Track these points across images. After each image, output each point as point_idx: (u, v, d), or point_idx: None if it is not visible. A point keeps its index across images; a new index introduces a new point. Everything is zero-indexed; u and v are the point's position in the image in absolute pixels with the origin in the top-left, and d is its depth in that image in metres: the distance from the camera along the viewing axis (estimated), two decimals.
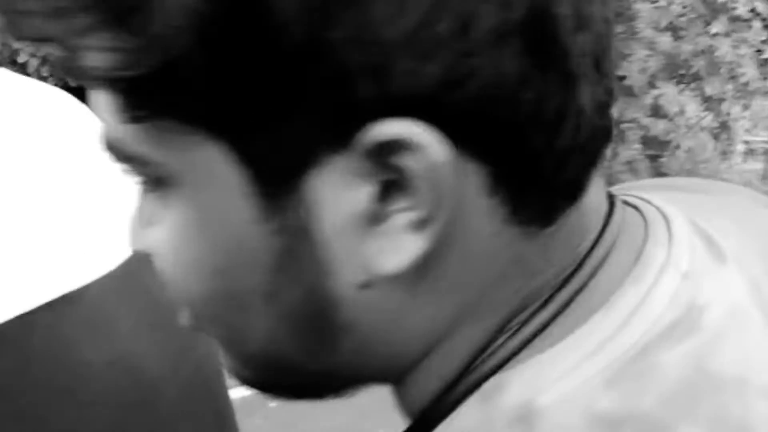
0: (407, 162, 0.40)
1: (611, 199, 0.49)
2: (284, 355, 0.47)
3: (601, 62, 0.43)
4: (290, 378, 0.49)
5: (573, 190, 0.45)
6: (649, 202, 0.51)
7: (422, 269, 0.43)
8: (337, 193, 0.41)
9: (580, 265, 0.46)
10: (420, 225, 0.41)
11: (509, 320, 0.45)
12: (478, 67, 0.39)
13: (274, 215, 0.42)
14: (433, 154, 0.40)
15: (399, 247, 0.42)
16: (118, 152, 0.44)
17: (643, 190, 0.56)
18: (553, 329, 0.45)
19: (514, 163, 0.42)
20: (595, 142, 0.44)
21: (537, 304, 0.45)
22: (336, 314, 0.44)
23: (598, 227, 0.47)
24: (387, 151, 0.40)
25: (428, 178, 0.40)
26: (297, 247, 0.43)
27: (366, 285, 0.43)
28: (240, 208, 0.42)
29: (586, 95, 0.42)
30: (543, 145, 0.42)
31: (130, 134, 0.42)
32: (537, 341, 0.45)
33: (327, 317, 0.45)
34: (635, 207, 0.51)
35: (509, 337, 0.45)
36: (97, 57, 0.40)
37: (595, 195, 0.47)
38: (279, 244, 0.43)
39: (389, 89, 0.39)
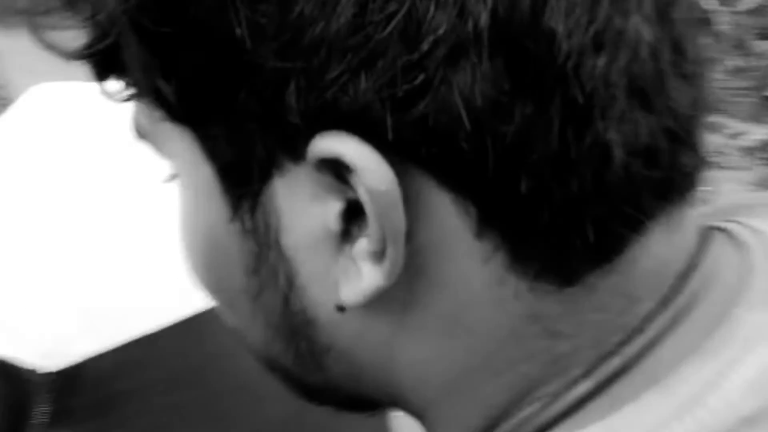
0: (355, 183, 0.37)
1: (705, 243, 0.43)
2: (280, 362, 0.45)
3: (652, 95, 0.37)
4: (297, 384, 0.46)
5: (601, 250, 0.39)
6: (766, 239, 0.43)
7: (405, 303, 0.40)
8: (302, 204, 0.38)
9: (636, 333, 0.40)
10: (378, 256, 0.38)
11: (534, 386, 0.40)
12: (429, 84, 0.35)
13: (240, 216, 0.40)
14: (371, 179, 0.36)
15: (359, 275, 0.39)
16: (136, 130, 0.44)
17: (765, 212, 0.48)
18: (593, 405, 0.39)
19: (498, 207, 0.37)
20: (636, 195, 0.38)
21: (574, 373, 0.40)
22: (315, 333, 0.42)
23: (663, 289, 0.40)
24: (334, 168, 0.37)
25: (372, 205, 0.37)
26: (265, 254, 0.41)
27: (341, 308, 0.40)
28: (215, 204, 0.41)
29: (614, 135, 0.36)
30: (535, 191, 0.36)
31: (137, 113, 0.43)
32: (574, 417, 0.39)
33: (307, 335, 0.42)
34: (744, 245, 0.43)
35: (541, 408, 0.40)
36: (60, 36, 0.43)
37: (661, 252, 0.40)
38: (248, 247, 0.41)
39: (321, 99, 0.36)
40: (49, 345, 0.75)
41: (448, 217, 0.38)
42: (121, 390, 0.79)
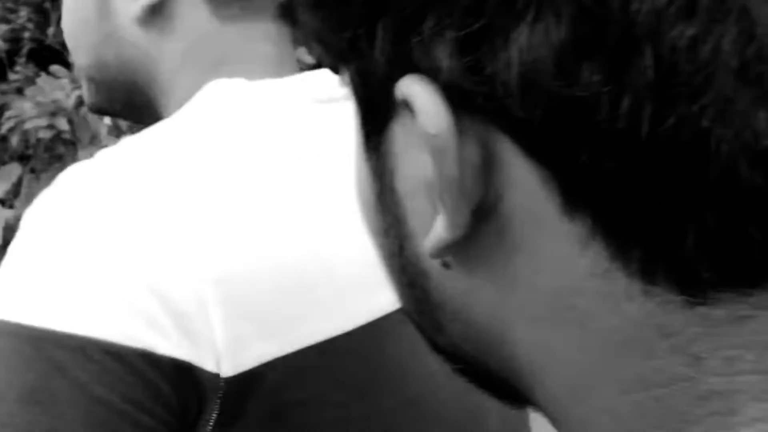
0: None
1: None
2: (412, 314, 0.44)
3: None
4: (431, 344, 0.45)
5: (723, 267, 0.34)
6: None
7: (506, 277, 0.38)
8: (413, 151, 0.38)
9: None
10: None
11: (685, 427, 0.35)
12: (486, 32, 0.34)
13: (370, 155, 0.41)
14: (425, 122, 0.36)
15: (437, 225, 0.38)
16: None
17: None
18: None
19: (577, 182, 0.35)
20: (756, 210, 0.33)
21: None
22: (428, 284, 0.41)
23: None
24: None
25: (428, 148, 0.36)
26: (384, 196, 0.41)
27: (444, 264, 0.39)
28: (357, 140, 0.42)
29: (712, 124, 0.32)
30: (610, 170, 0.34)
31: None
32: None
33: (421, 284, 0.41)
34: None
35: None
36: None
37: None
38: (375, 187, 0.41)
39: (398, 41, 0.37)
40: (223, 348, 0.71)
41: (534, 187, 0.36)
42: (294, 400, 0.74)
